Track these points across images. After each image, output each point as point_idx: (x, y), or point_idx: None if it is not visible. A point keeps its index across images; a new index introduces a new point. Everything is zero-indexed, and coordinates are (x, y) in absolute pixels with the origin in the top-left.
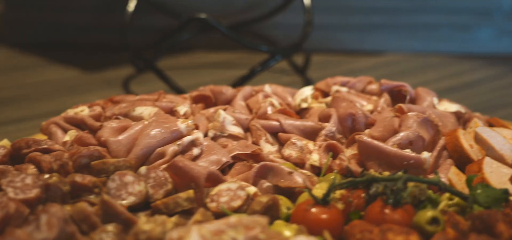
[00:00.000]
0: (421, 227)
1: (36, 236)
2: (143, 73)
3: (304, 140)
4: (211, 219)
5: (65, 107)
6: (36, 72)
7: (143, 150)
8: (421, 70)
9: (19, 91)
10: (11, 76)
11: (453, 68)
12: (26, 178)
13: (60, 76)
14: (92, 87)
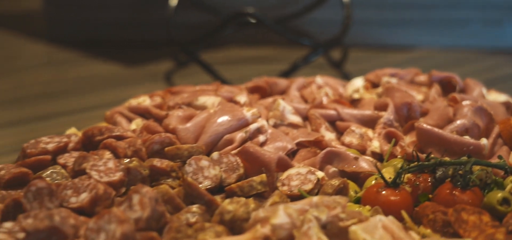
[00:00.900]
0: (492, 207)
1: (130, 215)
2: (184, 67)
3: (363, 128)
4: (287, 201)
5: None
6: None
7: (211, 137)
8: (455, 64)
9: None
10: (52, 71)
11: (487, 62)
12: (108, 162)
13: (101, 71)
14: (135, 81)
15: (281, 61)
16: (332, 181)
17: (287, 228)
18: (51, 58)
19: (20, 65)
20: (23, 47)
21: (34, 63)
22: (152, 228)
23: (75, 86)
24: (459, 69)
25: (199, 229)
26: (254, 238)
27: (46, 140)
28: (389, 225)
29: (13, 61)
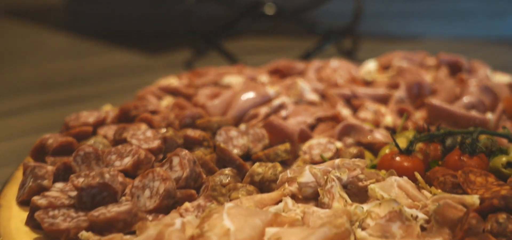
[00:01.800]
0: (497, 170)
1: (171, 174)
2: (203, 57)
3: (376, 105)
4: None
5: (136, 84)
6: (98, 57)
7: (238, 112)
8: (462, 53)
9: (88, 73)
10: (76, 60)
11: (492, 51)
12: (147, 131)
13: (123, 60)
14: (157, 69)
15: (295, 50)
16: (350, 149)
17: (312, 186)
18: (73, 48)
19: (44, 55)
20: (45, 38)
21: (58, 53)
22: (190, 186)
23: (99, 73)
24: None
25: (232, 189)
26: (282, 195)
27: (86, 114)
28: (403, 184)
29: (37, 51)
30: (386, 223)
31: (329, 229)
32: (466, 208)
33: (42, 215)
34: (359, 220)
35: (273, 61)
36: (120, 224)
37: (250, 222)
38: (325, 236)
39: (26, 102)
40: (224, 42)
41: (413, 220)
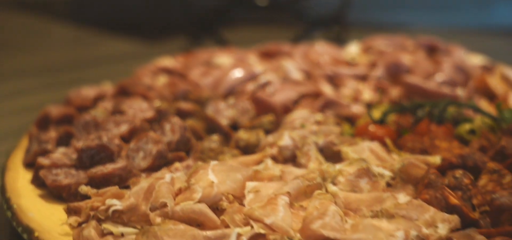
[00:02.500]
0: (461, 136)
1: (163, 138)
2: (199, 44)
3: (356, 83)
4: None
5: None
6: (99, 45)
7: (227, 88)
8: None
9: (90, 59)
10: (78, 48)
11: (477, 39)
12: (142, 103)
13: (122, 48)
14: (154, 56)
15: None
16: (329, 119)
17: (291, 149)
18: (76, 37)
19: (48, 44)
20: (49, 29)
21: (61, 42)
22: (180, 150)
23: (99, 60)
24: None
25: (219, 152)
26: (263, 156)
27: (87, 89)
28: (374, 148)
29: (41, 41)
30: (355, 179)
31: (301, 181)
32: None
33: (46, 173)
34: (331, 177)
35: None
36: (115, 179)
37: (232, 176)
38: (297, 187)
39: (30, 84)
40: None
41: (380, 176)
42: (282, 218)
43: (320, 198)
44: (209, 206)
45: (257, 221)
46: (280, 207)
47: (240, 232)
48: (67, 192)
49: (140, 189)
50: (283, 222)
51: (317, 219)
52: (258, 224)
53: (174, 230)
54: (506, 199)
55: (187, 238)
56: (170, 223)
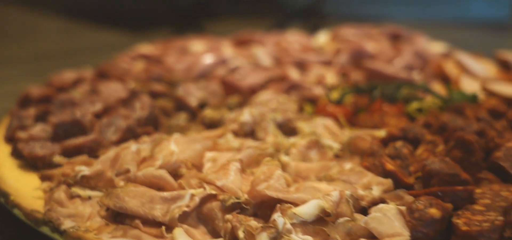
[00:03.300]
0: (409, 114)
1: (133, 115)
2: (181, 35)
3: (321, 68)
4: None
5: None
6: (89, 37)
7: (199, 72)
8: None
9: (77, 48)
10: (67, 38)
11: (452, 30)
12: (117, 85)
13: (110, 39)
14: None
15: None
16: (291, 98)
17: (250, 124)
18: (66, 29)
19: (40, 35)
20: (42, 21)
21: (52, 33)
22: (149, 125)
23: (87, 50)
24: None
25: (185, 128)
26: (225, 131)
27: (68, 72)
28: (328, 124)
29: (34, 32)
30: (305, 150)
31: (253, 151)
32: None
33: (23, 145)
34: (284, 148)
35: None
36: (86, 150)
37: (192, 147)
38: (249, 155)
39: (19, 71)
40: (204, 24)
41: (329, 148)
42: (232, 181)
43: (267, 164)
44: (169, 172)
45: (210, 183)
46: (231, 171)
47: (193, 193)
48: (42, 162)
49: (107, 158)
50: (233, 184)
51: (263, 182)
52: (210, 186)
53: (134, 192)
54: (436, 165)
55: (146, 198)
56: (132, 186)
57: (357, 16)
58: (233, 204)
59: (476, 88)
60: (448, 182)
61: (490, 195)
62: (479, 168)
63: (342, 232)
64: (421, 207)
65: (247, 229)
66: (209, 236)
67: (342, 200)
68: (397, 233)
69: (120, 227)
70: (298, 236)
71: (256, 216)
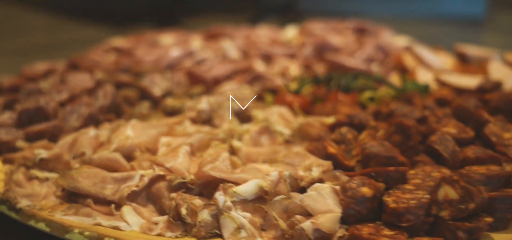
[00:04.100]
0: (362, 102)
1: (96, 103)
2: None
3: (286, 60)
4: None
5: None
6: (71, 31)
7: (167, 64)
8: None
9: (60, 43)
10: (51, 34)
11: (424, 26)
12: (85, 76)
13: (92, 33)
14: None
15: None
16: (251, 88)
17: (208, 112)
18: (48, 23)
19: (23, 29)
20: (26, 17)
21: (35, 28)
22: (111, 113)
23: (69, 44)
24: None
25: (147, 116)
26: (184, 118)
27: (40, 63)
28: (282, 112)
29: (17, 27)
30: (257, 135)
31: (204, 135)
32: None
33: None
34: (238, 134)
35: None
36: (48, 135)
37: (147, 132)
38: (200, 139)
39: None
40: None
41: (279, 134)
42: (180, 162)
43: (215, 148)
44: (124, 155)
45: (159, 165)
46: (180, 154)
47: (143, 174)
48: (6, 147)
49: (65, 142)
50: (181, 166)
51: (209, 163)
52: (160, 168)
53: (87, 173)
54: (374, 149)
55: (98, 178)
56: (86, 168)
57: (334, 12)
58: (179, 184)
59: (430, 79)
60: (385, 164)
61: (422, 175)
62: (416, 151)
63: (279, 209)
64: (354, 186)
65: (190, 206)
66: (157, 214)
67: (280, 180)
68: (330, 210)
69: (73, 205)
70: (238, 213)
71: (201, 195)
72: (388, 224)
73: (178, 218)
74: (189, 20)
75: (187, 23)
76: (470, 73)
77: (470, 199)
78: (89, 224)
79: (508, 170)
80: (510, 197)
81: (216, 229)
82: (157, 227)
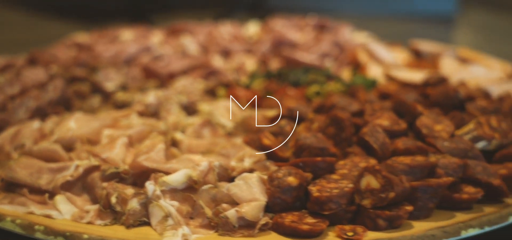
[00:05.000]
0: (308, 96)
1: (45, 96)
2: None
3: (244, 56)
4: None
5: None
6: (47, 28)
7: (125, 58)
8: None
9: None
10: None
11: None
12: (40, 70)
13: (67, 30)
14: None
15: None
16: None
17: (155, 105)
18: (25, 20)
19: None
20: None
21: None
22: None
23: (45, 41)
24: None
25: (97, 109)
26: (131, 111)
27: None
28: (229, 106)
29: None
30: (199, 128)
31: (145, 127)
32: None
33: None
34: (181, 127)
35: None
36: None
37: (90, 124)
38: (141, 131)
39: None
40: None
41: (221, 126)
42: (116, 153)
43: (152, 139)
44: (65, 147)
45: (95, 156)
46: (117, 145)
47: (78, 164)
48: None
49: (8, 134)
50: (116, 156)
51: (144, 154)
52: (95, 158)
53: (25, 163)
54: (307, 140)
55: (35, 169)
56: (24, 158)
57: (306, 9)
58: (112, 174)
59: (379, 74)
60: (317, 155)
61: (350, 166)
62: (350, 143)
63: (207, 198)
64: (280, 175)
65: (121, 195)
66: (90, 203)
67: (210, 170)
68: (255, 199)
69: (9, 195)
70: (166, 201)
71: (135, 185)
72: (312, 213)
73: (109, 206)
74: (163, 17)
75: (160, 21)
76: (422, 68)
77: (391, 188)
78: (22, 212)
79: (431, 161)
80: (431, 186)
81: (144, 217)
82: (88, 215)
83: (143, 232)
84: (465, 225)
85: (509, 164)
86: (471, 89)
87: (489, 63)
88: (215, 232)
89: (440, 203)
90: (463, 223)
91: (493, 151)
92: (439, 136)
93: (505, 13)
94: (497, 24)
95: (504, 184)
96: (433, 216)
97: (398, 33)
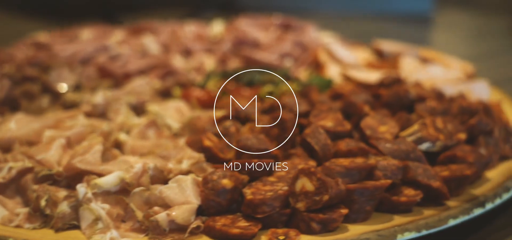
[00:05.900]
0: (260, 96)
1: None
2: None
3: (204, 55)
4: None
5: None
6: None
7: (81, 57)
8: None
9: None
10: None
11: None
12: None
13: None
14: None
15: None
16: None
17: (103, 105)
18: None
19: None
20: None
21: None
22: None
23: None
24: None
25: (45, 110)
26: (78, 112)
27: None
28: (179, 106)
29: None
30: (145, 129)
31: (85, 128)
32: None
33: None
34: (127, 127)
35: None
36: None
37: (30, 125)
38: (81, 132)
39: None
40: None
41: (167, 127)
42: (52, 155)
43: (90, 140)
44: (3, 148)
45: (30, 157)
46: (53, 147)
47: (11, 166)
48: None
49: None
50: (51, 158)
51: (79, 156)
52: (30, 160)
53: None
54: (248, 141)
55: None
56: None
57: (278, 8)
58: (45, 176)
59: (337, 74)
60: (258, 156)
61: (289, 168)
62: (292, 144)
63: (139, 201)
64: (215, 178)
65: (51, 198)
66: (22, 205)
67: (144, 172)
68: (187, 202)
69: None
70: (98, 204)
71: (70, 187)
72: (245, 216)
73: (38, 209)
74: (133, 16)
75: (130, 20)
76: (382, 68)
77: (325, 190)
78: None
79: (369, 163)
80: (368, 189)
81: (74, 221)
82: (17, 218)
83: (72, 236)
84: (401, 229)
85: (452, 166)
86: (425, 89)
87: (450, 62)
88: (145, 235)
89: (379, 206)
90: (399, 227)
91: (438, 152)
92: (383, 137)
93: (481, 13)
94: (473, 24)
95: (445, 186)
96: (372, 219)
97: (371, 32)
